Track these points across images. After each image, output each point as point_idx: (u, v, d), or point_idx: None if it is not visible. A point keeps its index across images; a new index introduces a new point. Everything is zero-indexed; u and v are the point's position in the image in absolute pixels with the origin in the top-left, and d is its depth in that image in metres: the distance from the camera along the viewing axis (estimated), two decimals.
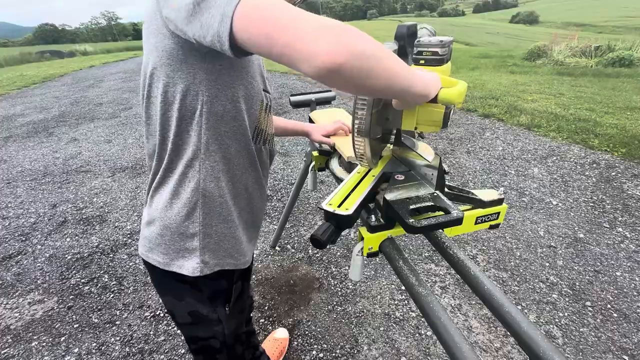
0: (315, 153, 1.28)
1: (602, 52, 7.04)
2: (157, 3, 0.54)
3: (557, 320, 1.50)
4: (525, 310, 1.55)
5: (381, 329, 1.51)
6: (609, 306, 1.55)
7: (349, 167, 0.97)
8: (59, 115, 5.54)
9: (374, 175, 0.84)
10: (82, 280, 1.89)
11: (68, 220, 2.47)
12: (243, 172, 0.72)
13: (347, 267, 1.86)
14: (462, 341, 0.53)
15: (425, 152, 0.95)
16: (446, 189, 0.87)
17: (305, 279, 1.81)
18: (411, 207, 0.70)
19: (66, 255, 2.10)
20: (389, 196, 0.74)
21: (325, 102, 1.58)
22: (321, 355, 1.41)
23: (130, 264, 1.99)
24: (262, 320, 1.57)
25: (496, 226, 0.91)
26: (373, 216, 0.77)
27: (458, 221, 0.67)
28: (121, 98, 6.64)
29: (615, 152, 2.98)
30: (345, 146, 1.02)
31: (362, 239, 0.78)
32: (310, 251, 2.01)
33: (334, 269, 1.86)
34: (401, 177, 0.83)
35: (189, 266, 0.68)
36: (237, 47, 0.45)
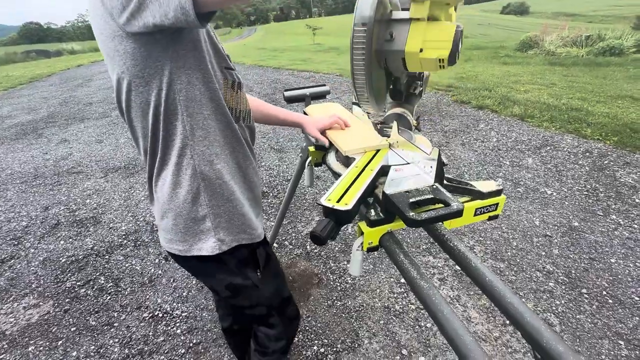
0: (311, 148, 1.26)
1: (593, 42, 7.08)
2: (103, 7, 0.53)
3: (554, 308, 1.52)
4: (523, 300, 1.57)
5: (381, 322, 1.51)
6: (604, 293, 1.58)
7: (346, 161, 0.96)
8: (48, 115, 5.43)
9: (372, 169, 0.83)
10: (77, 283, 1.86)
11: (61, 223, 2.43)
12: (232, 151, 0.73)
13: (346, 262, 1.86)
14: (465, 333, 0.52)
15: (422, 145, 0.95)
16: (445, 181, 0.87)
17: (304, 275, 1.81)
18: (411, 200, 0.69)
19: (60, 258, 2.06)
20: (388, 190, 0.73)
21: (320, 96, 1.56)
22: (322, 350, 1.41)
23: (127, 265, 1.97)
24: None
25: (495, 217, 0.91)
26: (372, 210, 0.76)
27: (458, 213, 0.67)
28: (111, 97, 6.53)
29: (608, 140, 3.01)
30: (342, 140, 1.01)
31: (362, 233, 0.77)
32: (308, 247, 2.01)
33: (332, 264, 1.86)
34: (400, 170, 0.82)
35: (208, 247, 0.72)
36: (202, 13, 0.47)
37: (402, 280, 1.72)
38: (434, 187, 0.74)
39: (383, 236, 0.78)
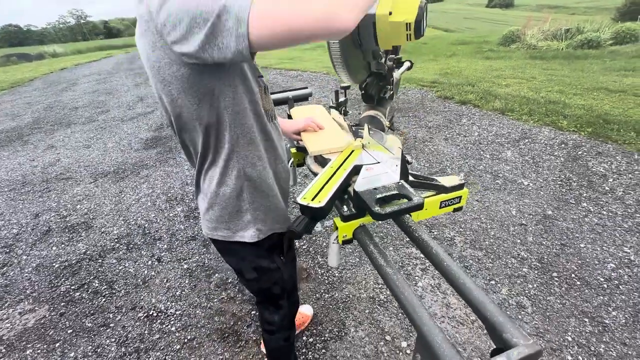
0: (293, 150, 1.33)
1: (572, 35, 7.28)
2: (162, 39, 0.59)
3: (527, 291, 1.63)
4: (498, 285, 1.67)
5: (366, 311, 1.60)
6: (572, 275, 1.69)
7: (323, 161, 1.03)
8: (33, 121, 5.36)
9: (345, 169, 0.91)
10: (72, 287, 1.90)
11: (52, 229, 2.46)
12: (267, 151, 0.83)
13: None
14: (422, 311, 0.61)
15: (392, 146, 1.03)
16: (411, 177, 0.95)
17: None
18: (377, 196, 0.77)
19: (54, 264, 2.10)
20: (359, 187, 0.81)
21: (302, 99, 1.62)
22: (311, 340, 1.49)
23: (120, 268, 2.02)
24: (253, 312, 1.64)
25: (459, 209, 1.00)
26: (345, 207, 0.84)
27: (419, 206, 0.75)
28: (97, 101, 6.47)
29: (582, 131, 3.15)
30: (311, 142, 1.07)
31: (337, 228, 0.85)
32: (296, 243, 2.08)
33: (320, 259, 1.94)
34: (370, 169, 0.90)
35: (248, 235, 0.84)
36: (255, 52, 0.56)
37: None
38: (400, 183, 0.82)
39: (356, 229, 0.86)
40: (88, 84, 8.40)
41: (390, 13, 0.75)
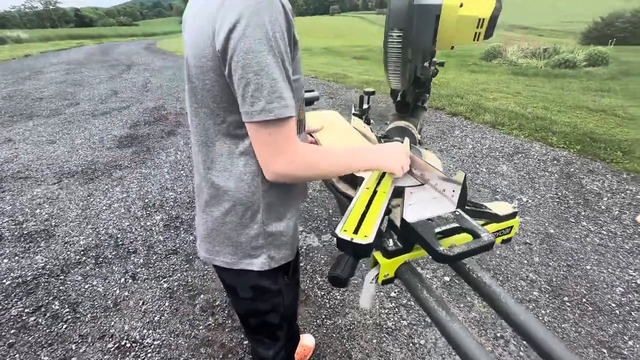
0: None
1: (550, 55, 7.62)
2: (219, 57, 0.55)
3: (541, 318, 1.54)
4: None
5: (374, 341, 1.44)
6: (584, 300, 1.63)
7: (352, 180, 0.87)
8: None
9: (385, 192, 0.75)
10: (26, 310, 1.61)
11: (5, 237, 2.12)
12: None
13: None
14: None
15: (434, 162, 0.88)
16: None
17: None
18: (436, 230, 0.62)
19: (4, 281, 1.78)
20: (409, 217, 0.65)
21: (308, 103, 1.46)
22: None
23: (86, 287, 1.74)
24: (246, 342, 1.43)
25: (508, 240, 0.87)
26: (391, 240, 0.68)
27: (490, 245, 0.61)
28: (65, 92, 5.96)
29: (572, 149, 3.20)
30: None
31: (376, 263, 0.69)
32: None
33: (319, 279, 1.77)
34: (415, 193, 0.75)
35: (258, 262, 0.73)
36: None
37: (392, 295, 1.67)
38: (457, 213, 0.67)
39: (400, 267, 0.70)
40: (55, 74, 7.77)
41: (461, 5, 0.60)
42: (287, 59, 0.55)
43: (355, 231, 0.63)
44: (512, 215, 0.84)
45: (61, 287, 1.74)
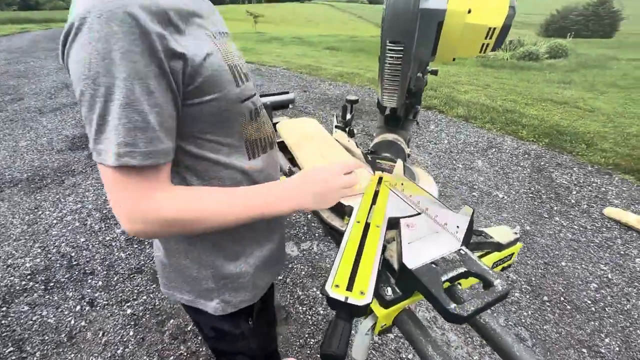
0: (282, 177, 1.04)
1: (515, 47, 7.87)
2: None
3: (523, 321, 1.54)
4: (495, 314, 1.57)
5: None
6: (562, 299, 1.66)
7: (338, 207, 0.76)
8: None
9: (379, 225, 0.65)
10: None
11: None
12: None
13: (315, 289, 1.68)
14: None
15: (427, 184, 0.80)
16: None
17: None
18: (443, 278, 0.54)
19: None
20: (409, 262, 0.56)
21: (283, 106, 1.33)
22: None
23: (35, 318, 1.53)
24: None
25: (508, 267, 0.81)
26: (389, 288, 0.58)
27: (504, 297, 0.53)
28: (7, 85, 5.32)
29: (540, 142, 3.29)
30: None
31: (371, 312, 0.60)
32: None
33: (300, 293, 1.67)
34: (413, 226, 0.66)
35: (211, 307, 0.65)
36: None
37: None
38: (464, 253, 0.59)
39: (399, 316, 0.61)
40: None
41: (469, 11, 0.50)
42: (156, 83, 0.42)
43: (349, 287, 0.52)
44: (514, 242, 0.77)
45: (3, 321, 1.51)
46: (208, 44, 0.48)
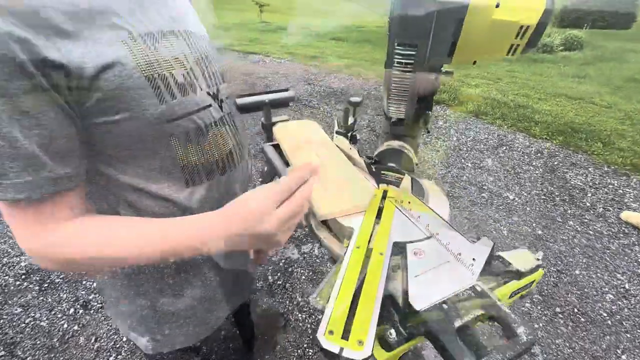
0: None
1: None
2: None
3: (535, 333, 1.46)
4: None
5: None
6: (575, 310, 1.57)
7: (335, 227, 0.68)
8: None
9: (381, 253, 0.57)
10: None
11: None
12: None
13: (315, 294, 1.62)
14: None
15: (438, 202, 0.71)
16: None
17: (266, 317, 1.52)
18: (457, 324, 0.46)
19: None
20: (416, 300, 0.48)
21: (282, 104, 1.24)
22: None
23: (28, 321, 1.49)
24: None
25: (527, 294, 0.72)
26: (393, 331, 0.51)
27: (529, 349, 0.45)
28: None
29: (554, 140, 3.15)
30: (317, 194, 0.68)
31: (371, 356, 0.52)
32: (270, 278, 1.72)
33: (300, 299, 1.61)
34: (421, 254, 0.57)
35: (141, 344, 0.62)
36: None
37: None
38: (479, 290, 0.51)
39: (404, 356, 0.54)
40: None
41: (497, 5, 0.40)
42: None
43: (345, 334, 0.45)
44: (535, 269, 0.69)
45: None
46: (115, 51, 0.38)
